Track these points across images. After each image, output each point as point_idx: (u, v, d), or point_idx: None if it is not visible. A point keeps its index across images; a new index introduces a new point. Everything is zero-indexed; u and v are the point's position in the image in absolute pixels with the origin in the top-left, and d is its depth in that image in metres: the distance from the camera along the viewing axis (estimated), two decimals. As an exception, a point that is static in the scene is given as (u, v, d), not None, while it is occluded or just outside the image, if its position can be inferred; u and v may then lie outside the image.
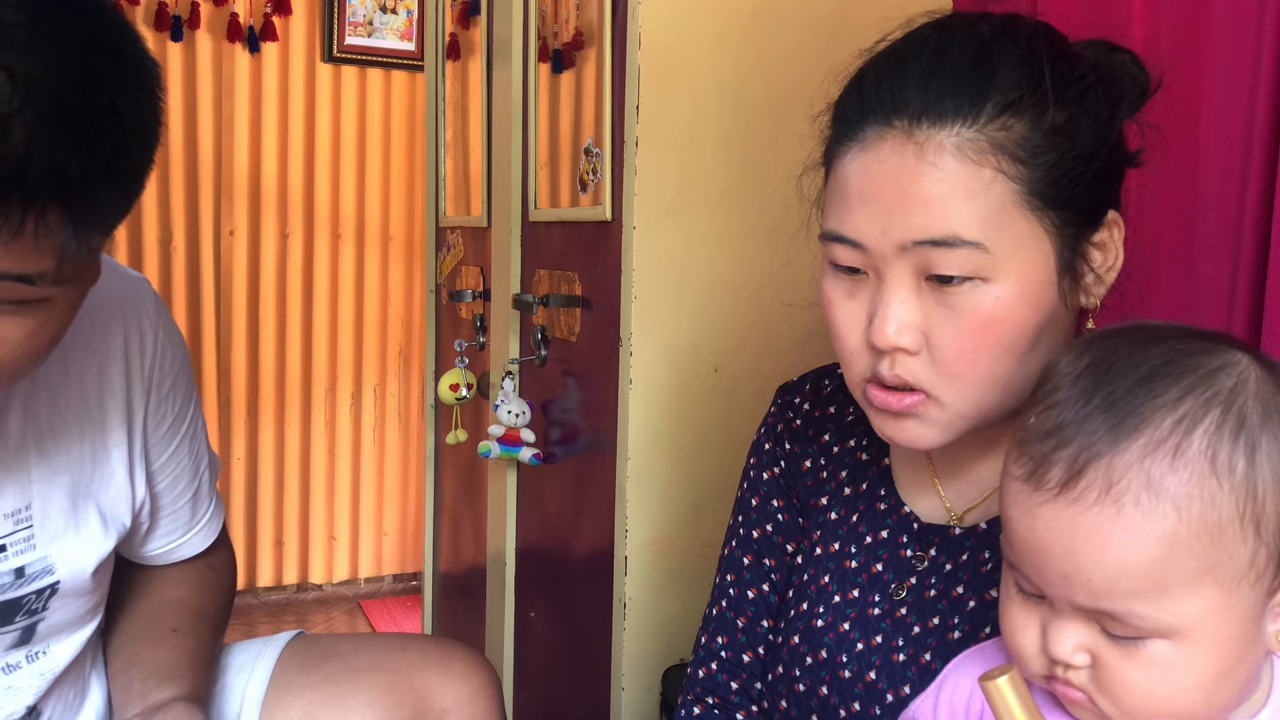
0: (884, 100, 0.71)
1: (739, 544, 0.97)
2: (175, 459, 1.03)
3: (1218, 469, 0.52)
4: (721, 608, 0.96)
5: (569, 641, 1.67)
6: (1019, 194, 0.69)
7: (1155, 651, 0.54)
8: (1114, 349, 0.57)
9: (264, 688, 1.09)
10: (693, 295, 1.40)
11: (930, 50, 0.72)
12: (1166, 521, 0.52)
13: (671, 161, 1.37)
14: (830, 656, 0.85)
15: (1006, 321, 0.70)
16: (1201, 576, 0.52)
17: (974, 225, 0.68)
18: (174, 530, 1.07)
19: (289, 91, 3.16)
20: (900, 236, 0.70)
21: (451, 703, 1.09)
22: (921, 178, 0.69)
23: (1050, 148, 0.69)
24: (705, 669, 0.96)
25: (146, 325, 0.97)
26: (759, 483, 0.97)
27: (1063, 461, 0.54)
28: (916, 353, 0.72)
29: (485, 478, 2.02)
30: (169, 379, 1.00)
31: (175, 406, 1.02)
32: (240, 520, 3.25)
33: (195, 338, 3.12)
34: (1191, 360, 0.55)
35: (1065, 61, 0.72)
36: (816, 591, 0.88)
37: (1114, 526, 0.53)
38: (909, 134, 0.70)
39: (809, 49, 1.38)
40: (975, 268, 0.69)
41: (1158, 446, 0.53)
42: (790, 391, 0.98)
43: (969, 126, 0.69)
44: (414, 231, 3.35)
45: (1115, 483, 0.53)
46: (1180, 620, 0.53)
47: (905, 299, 0.71)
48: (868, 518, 0.88)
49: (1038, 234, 0.70)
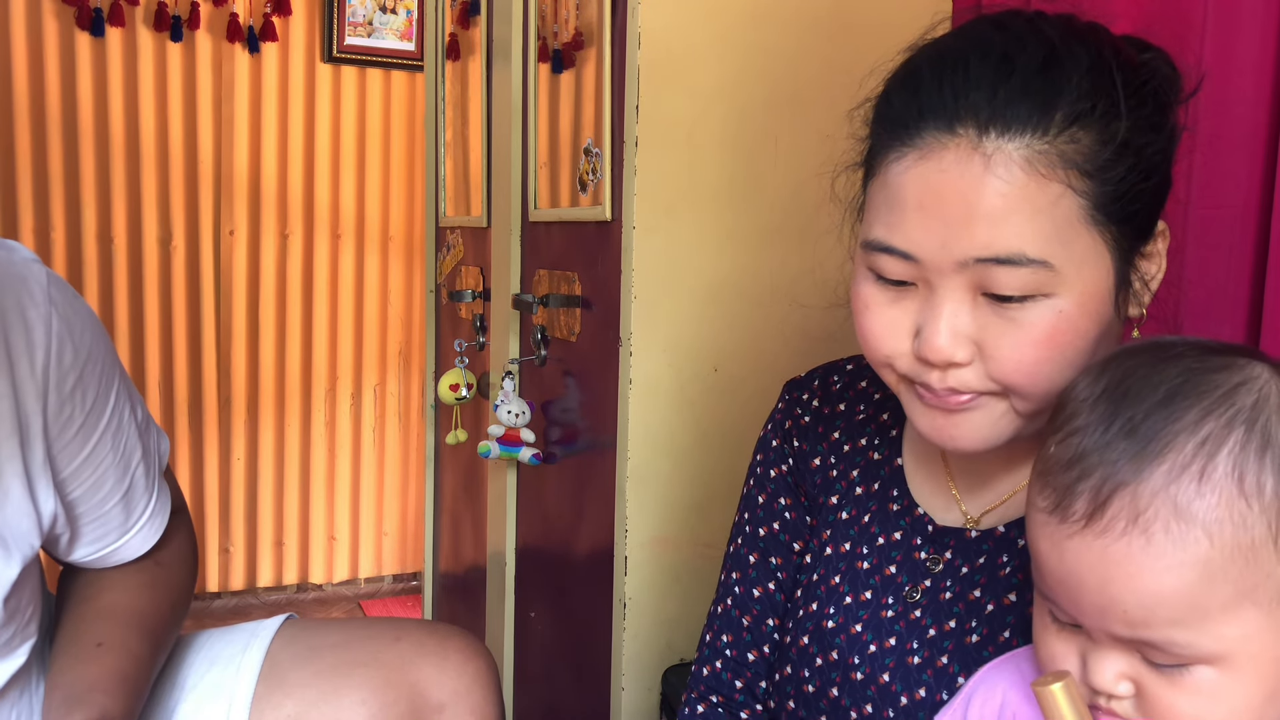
0: (946, 104, 0.67)
1: (745, 541, 0.96)
2: (93, 461, 0.92)
3: (1246, 490, 0.51)
4: (726, 605, 0.95)
5: (569, 641, 1.67)
6: (1085, 209, 0.66)
7: (1200, 678, 0.53)
8: (1131, 370, 0.56)
9: (253, 686, 1.04)
10: (693, 295, 1.40)
11: (997, 52, 0.67)
12: (1199, 547, 0.51)
13: (671, 161, 1.37)
14: (841, 658, 0.84)
15: (1068, 335, 0.67)
16: (1240, 600, 0.51)
17: (1040, 243, 0.65)
18: (104, 536, 0.97)
19: (289, 92, 3.16)
20: (962, 253, 0.66)
21: (448, 696, 1.06)
22: (988, 191, 0.65)
23: (1117, 162, 0.66)
24: (710, 667, 0.95)
25: (35, 318, 0.84)
26: (766, 480, 0.95)
27: (1087, 492, 0.53)
28: (969, 364, 0.69)
29: (485, 478, 2.02)
30: (71, 375, 0.87)
31: (86, 404, 0.89)
32: (240, 520, 3.25)
33: (195, 338, 3.13)
34: (1210, 378, 0.54)
35: (1132, 72, 0.69)
36: (827, 592, 0.87)
37: (1145, 556, 0.51)
38: (976, 144, 0.65)
39: (809, 49, 1.38)
40: (1038, 285, 0.66)
41: (1183, 471, 0.52)
42: (798, 388, 0.96)
43: (1040, 138, 0.65)
44: (414, 231, 3.35)
45: (1142, 511, 0.52)
46: (1222, 645, 0.52)
47: (959, 312, 0.68)
48: (880, 518, 0.87)
49: (1099, 249, 0.67)
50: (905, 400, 0.76)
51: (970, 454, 0.75)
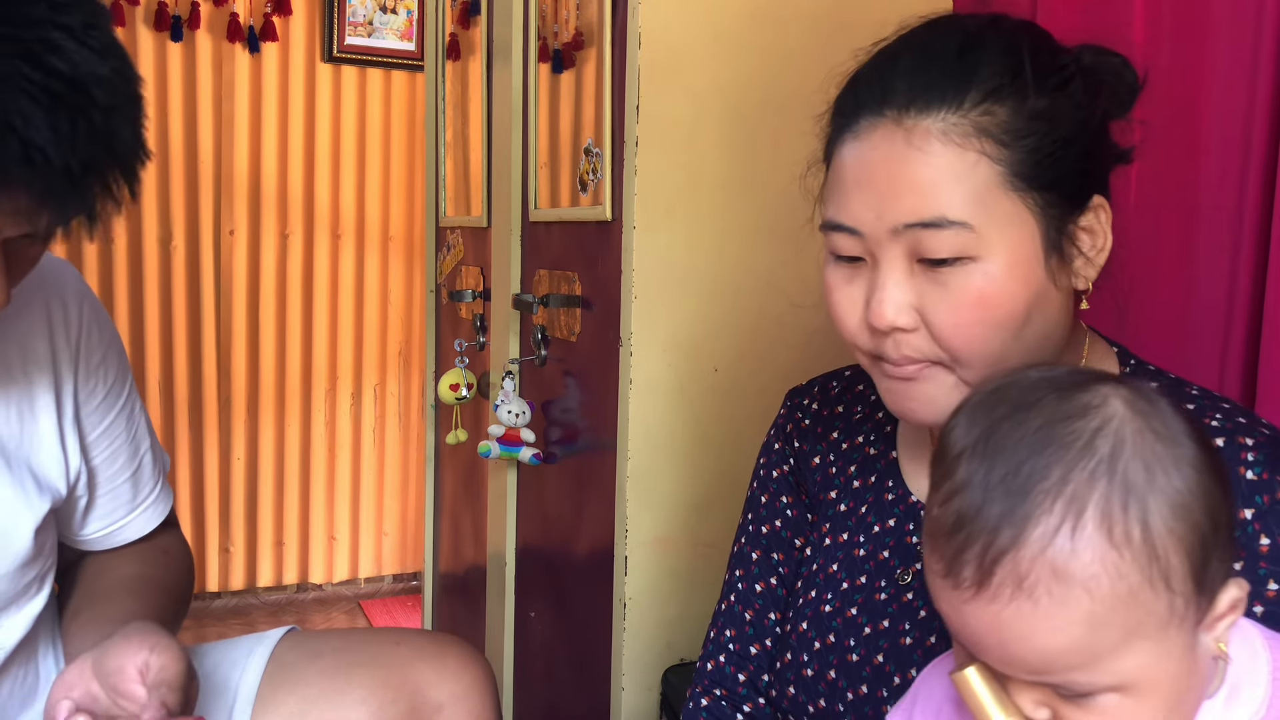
0: (875, 92, 0.75)
1: (748, 540, 1.00)
2: (111, 433, 1.05)
3: (1116, 541, 0.54)
4: (730, 602, 0.99)
5: (569, 641, 1.67)
6: (1003, 175, 0.72)
7: (1107, 703, 0.56)
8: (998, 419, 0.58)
9: (257, 683, 1.08)
10: (693, 295, 1.40)
11: (918, 45, 0.77)
12: (1081, 605, 0.54)
13: (671, 161, 1.37)
14: (838, 641, 0.87)
15: (997, 297, 0.73)
16: (1128, 638, 0.54)
17: (960, 206, 0.72)
18: (116, 509, 1.07)
19: (289, 91, 3.16)
20: (893, 220, 0.73)
21: (446, 698, 1.09)
22: (910, 162, 0.73)
23: (1031, 131, 0.73)
24: (714, 662, 0.99)
25: (70, 300, 1.00)
26: (769, 480, 1.00)
27: (973, 560, 0.56)
28: (914, 330, 0.75)
29: (485, 478, 2.02)
30: (97, 352, 1.02)
31: (107, 381, 1.03)
32: (241, 520, 3.25)
33: (195, 338, 3.13)
34: (1070, 426, 0.56)
35: (1046, 53, 0.75)
36: (825, 579, 0.91)
37: (1034, 618, 0.54)
38: (898, 121, 0.73)
39: (809, 49, 1.38)
40: (963, 247, 0.72)
41: (1055, 533, 0.54)
42: (799, 394, 1.01)
43: (954, 112, 0.72)
44: (414, 231, 3.35)
45: (1025, 577, 0.54)
46: (1121, 677, 0.55)
47: (900, 280, 0.75)
48: (876, 508, 0.91)
49: (1022, 213, 0.73)
50: (875, 378, 0.81)
51: (930, 425, 0.80)
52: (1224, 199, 1.07)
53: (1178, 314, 1.13)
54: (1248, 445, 0.72)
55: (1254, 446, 0.72)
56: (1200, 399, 0.77)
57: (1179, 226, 1.12)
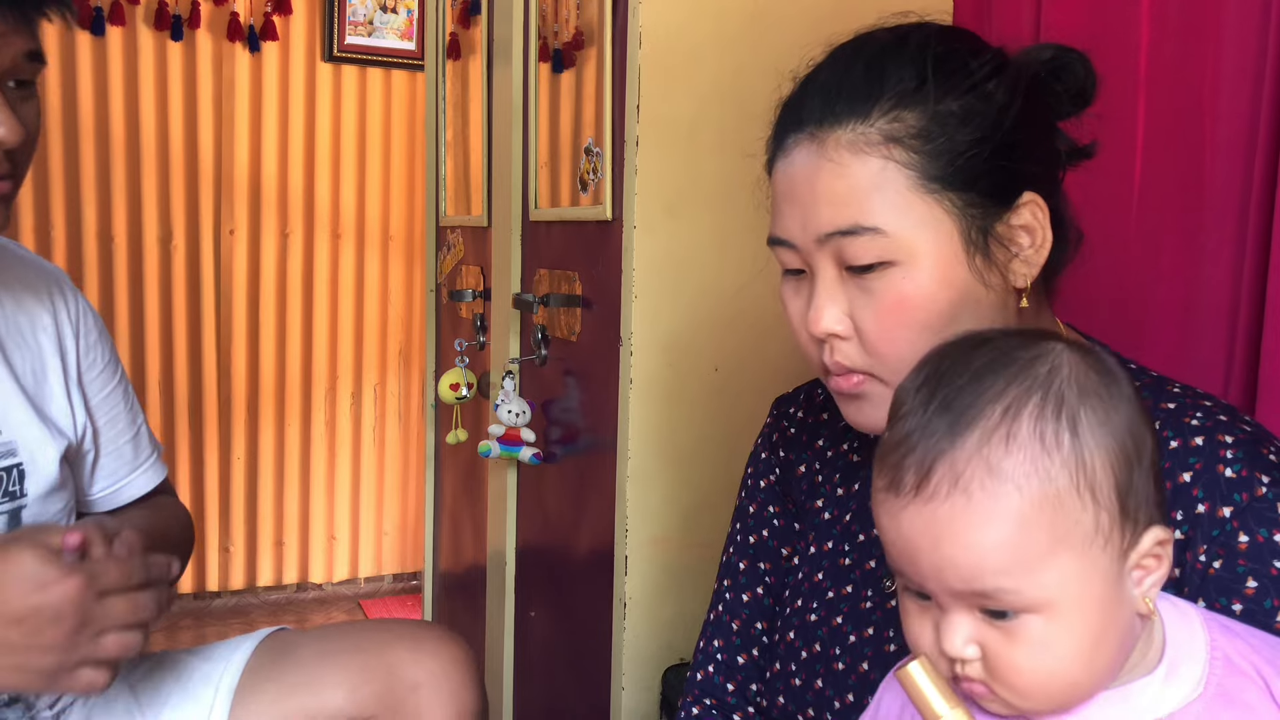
0: (796, 112, 0.80)
1: (736, 550, 1.00)
2: (111, 401, 1.17)
3: (1047, 446, 0.58)
4: (718, 612, 1.00)
5: (569, 641, 1.67)
6: (913, 179, 0.74)
7: (1031, 628, 0.58)
8: (945, 358, 0.63)
9: (238, 677, 1.14)
10: (693, 295, 1.40)
11: (834, 62, 0.81)
12: (1011, 501, 0.57)
13: (672, 161, 1.37)
14: (824, 650, 0.88)
15: (918, 299, 0.75)
16: (1055, 546, 0.58)
17: (873, 212, 0.74)
18: (119, 468, 1.18)
19: (289, 91, 3.16)
20: (815, 230, 0.77)
21: (424, 676, 1.12)
22: (824, 174, 0.76)
23: (941, 133, 0.74)
24: (703, 672, 0.99)
25: (67, 291, 1.15)
26: (756, 490, 1.00)
27: (913, 466, 0.60)
28: (848, 338, 0.78)
29: (485, 477, 2.02)
30: (94, 333, 1.16)
31: (104, 358, 1.17)
32: (240, 520, 3.25)
33: (195, 337, 3.12)
34: (1013, 354, 0.61)
35: (958, 56, 0.77)
36: (810, 588, 0.91)
37: (967, 513, 0.58)
38: (814, 136, 0.77)
39: (809, 49, 1.38)
40: (881, 252, 0.74)
41: (991, 435, 0.58)
42: (785, 403, 1.02)
43: (861, 122, 0.75)
44: (414, 231, 3.35)
45: (960, 474, 0.58)
46: (1047, 591, 0.58)
47: (831, 290, 0.78)
48: (860, 517, 0.90)
49: (938, 215, 0.75)
50: (830, 390, 0.83)
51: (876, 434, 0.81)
52: (1228, 198, 1.07)
53: (1181, 313, 1.12)
54: (1227, 443, 0.72)
55: (1233, 444, 0.72)
56: (1181, 397, 0.77)
57: (1182, 226, 1.12)
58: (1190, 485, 0.71)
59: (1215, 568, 0.70)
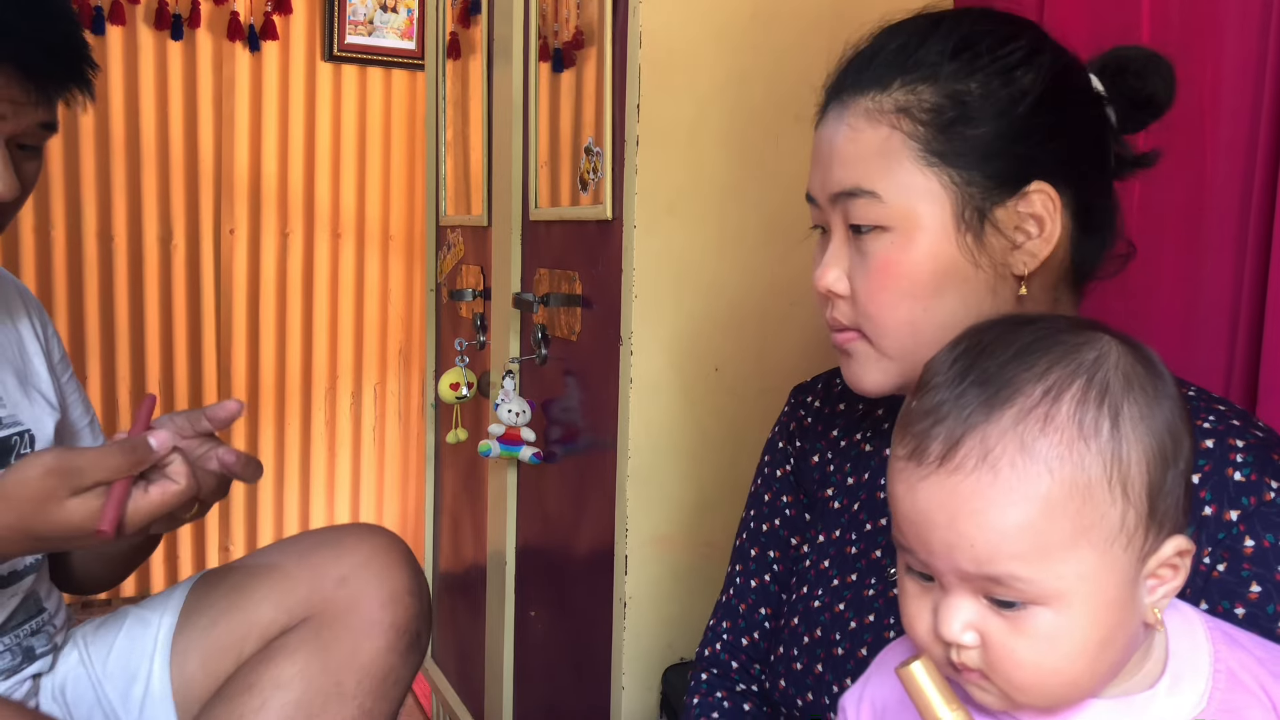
0: (835, 79, 0.84)
1: (748, 537, 1.03)
2: (70, 386, 1.28)
3: (1084, 433, 0.56)
4: (729, 595, 1.03)
5: (569, 641, 1.67)
6: (917, 150, 0.77)
7: (1038, 621, 0.56)
8: (987, 333, 0.61)
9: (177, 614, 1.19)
10: (693, 295, 1.40)
11: (874, 37, 0.84)
12: (1040, 482, 0.55)
13: (672, 160, 1.37)
14: (825, 635, 0.89)
15: (903, 266, 0.77)
16: (1077, 538, 0.55)
17: (872, 177, 0.78)
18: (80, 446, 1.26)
19: (289, 90, 3.16)
20: (829, 189, 0.81)
21: (349, 569, 1.14)
22: (840, 137, 0.80)
23: (951, 110, 0.76)
24: (710, 648, 1.03)
25: (25, 291, 1.25)
26: (771, 479, 1.03)
27: (941, 436, 0.57)
28: (845, 297, 0.81)
29: (485, 477, 2.02)
30: (50, 328, 1.27)
31: (59, 351, 1.27)
32: (240, 519, 3.25)
33: (195, 337, 3.12)
34: (1059, 336, 0.59)
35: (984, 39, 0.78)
36: (816, 575, 0.93)
37: (992, 490, 0.55)
38: (841, 103, 0.81)
39: (809, 48, 1.38)
40: (877, 216, 0.78)
41: (1029, 414, 0.56)
42: (803, 391, 1.03)
43: (881, 93, 0.78)
44: (414, 230, 3.35)
45: (991, 449, 0.56)
46: (1061, 584, 0.55)
47: (837, 249, 0.82)
48: (869, 506, 0.91)
49: (934, 189, 0.77)
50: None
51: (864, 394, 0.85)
52: (1230, 198, 1.07)
53: (1182, 314, 1.12)
54: (1237, 447, 0.72)
55: (1244, 448, 0.72)
56: (1195, 400, 0.77)
57: (1184, 226, 1.12)
58: (1198, 487, 0.71)
59: (1219, 571, 0.70)
